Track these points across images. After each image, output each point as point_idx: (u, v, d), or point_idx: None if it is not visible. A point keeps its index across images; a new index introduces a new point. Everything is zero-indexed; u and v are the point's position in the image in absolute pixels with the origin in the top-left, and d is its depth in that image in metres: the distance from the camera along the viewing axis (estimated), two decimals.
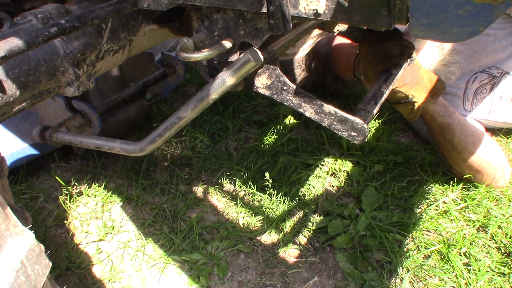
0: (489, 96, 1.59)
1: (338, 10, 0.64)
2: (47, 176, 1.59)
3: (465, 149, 1.39)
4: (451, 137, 1.40)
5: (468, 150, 1.39)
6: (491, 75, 1.57)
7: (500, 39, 1.54)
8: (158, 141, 0.93)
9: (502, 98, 1.57)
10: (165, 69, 1.69)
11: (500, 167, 1.40)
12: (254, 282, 1.21)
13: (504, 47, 1.54)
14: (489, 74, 1.57)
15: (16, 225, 0.60)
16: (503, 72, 1.55)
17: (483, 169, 1.40)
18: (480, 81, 1.59)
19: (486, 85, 1.58)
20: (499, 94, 1.57)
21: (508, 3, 0.50)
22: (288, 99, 0.84)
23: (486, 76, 1.58)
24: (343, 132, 0.82)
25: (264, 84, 0.85)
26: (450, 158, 1.45)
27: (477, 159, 1.39)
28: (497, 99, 1.58)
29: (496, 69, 1.56)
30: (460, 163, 1.42)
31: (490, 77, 1.57)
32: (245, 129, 1.80)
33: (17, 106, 0.80)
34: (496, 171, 1.40)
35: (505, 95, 1.57)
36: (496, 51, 1.55)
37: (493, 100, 1.58)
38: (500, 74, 1.56)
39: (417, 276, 1.20)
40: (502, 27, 1.52)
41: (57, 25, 0.68)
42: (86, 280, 1.23)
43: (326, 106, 0.81)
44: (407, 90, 1.22)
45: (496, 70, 1.56)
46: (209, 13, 0.81)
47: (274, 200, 1.44)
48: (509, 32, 1.53)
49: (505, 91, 1.56)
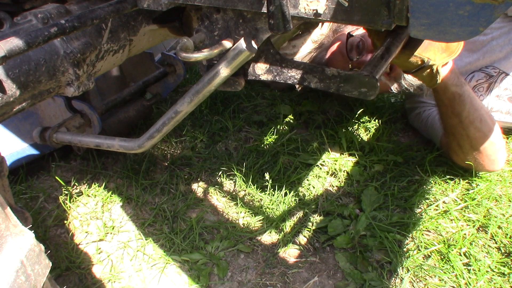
0: (486, 95, 1.58)
1: (338, 10, 0.64)
2: (47, 176, 1.59)
3: (472, 124, 1.34)
4: (461, 110, 1.34)
5: (475, 126, 1.34)
6: (488, 75, 1.56)
7: (497, 38, 1.53)
8: (156, 137, 0.93)
9: (499, 97, 1.57)
10: (165, 69, 1.69)
11: (500, 148, 1.39)
12: (254, 282, 1.21)
13: (501, 47, 1.54)
14: (486, 73, 1.57)
15: (16, 225, 0.60)
16: (500, 71, 1.55)
17: (484, 149, 1.37)
18: (477, 80, 1.58)
19: (483, 84, 1.58)
20: (496, 93, 1.57)
21: (508, 3, 0.50)
22: (290, 76, 0.83)
23: (483, 75, 1.57)
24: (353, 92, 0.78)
25: (264, 69, 0.85)
26: (453, 136, 1.40)
27: (482, 136, 1.35)
28: (494, 98, 1.58)
29: (493, 68, 1.56)
30: (463, 141, 1.38)
31: (487, 76, 1.57)
32: (245, 129, 1.80)
33: (17, 106, 0.80)
34: (496, 152, 1.38)
35: (502, 95, 1.57)
36: (493, 50, 1.54)
37: (490, 99, 1.58)
38: (497, 74, 1.55)
39: (417, 276, 1.20)
40: (499, 26, 1.52)
41: (57, 25, 0.68)
42: (86, 280, 1.23)
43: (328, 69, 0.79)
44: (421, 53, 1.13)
45: (493, 69, 1.56)
46: (209, 13, 0.81)
47: (274, 200, 1.44)
48: (506, 32, 1.52)
49: (502, 90, 1.56)
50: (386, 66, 0.88)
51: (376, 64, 0.83)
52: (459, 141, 1.41)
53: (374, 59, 0.86)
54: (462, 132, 1.37)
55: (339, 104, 1.90)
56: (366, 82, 0.78)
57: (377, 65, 0.83)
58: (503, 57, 1.55)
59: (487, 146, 1.37)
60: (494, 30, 1.53)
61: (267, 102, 1.95)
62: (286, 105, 1.90)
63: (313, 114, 1.85)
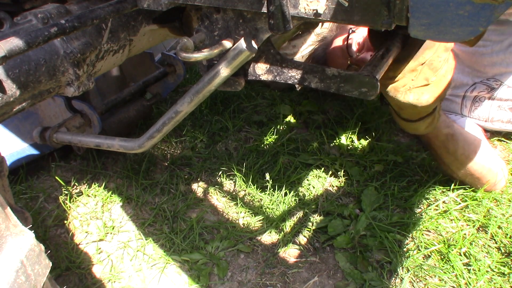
0: (487, 105, 1.58)
1: (338, 10, 0.64)
2: (47, 176, 1.59)
3: (468, 159, 1.36)
4: (455, 148, 1.35)
5: (470, 159, 1.36)
6: (490, 87, 1.56)
7: (497, 52, 1.51)
8: (156, 137, 0.92)
9: (500, 107, 1.58)
10: (165, 69, 1.69)
11: (498, 170, 1.40)
12: (254, 282, 1.21)
13: (502, 60, 1.52)
14: (487, 85, 1.57)
15: (16, 225, 0.60)
16: (501, 83, 1.55)
17: (483, 176, 1.39)
18: (479, 92, 1.58)
19: (485, 95, 1.58)
20: (497, 104, 1.57)
21: (508, 3, 0.50)
22: (290, 76, 0.83)
23: (484, 88, 1.57)
24: (354, 92, 0.78)
25: (264, 69, 0.85)
26: (450, 169, 1.42)
27: (479, 166, 1.37)
28: (495, 108, 1.58)
29: (495, 81, 1.55)
30: (461, 172, 1.40)
31: (488, 88, 1.56)
32: (245, 129, 1.80)
33: (17, 106, 0.80)
34: (496, 175, 1.40)
35: (503, 105, 1.57)
36: (494, 64, 1.53)
37: (491, 108, 1.58)
38: (499, 86, 1.55)
39: (417, 276, 1.20)
40: (499, 39, 1.49)
41: (57, 25, 0.68)
42: (86, 280, 1.23)
43: (328, 69, 0.79)
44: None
45: (495, 82, 1.55)
46: (209, 13, 0.81)
47: (274, 200, 1.44)
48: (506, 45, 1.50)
49: (504, 101, 1.56)
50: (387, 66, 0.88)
51: (376, 64, 0.83)
52: (456, 173, 1.42)
53: (374, 59, 0.86)
54: (459, 166, 1.38)
55: (339, 104, 1.90)
56: (366, 82, 0.78)
57: (377, 65, 0.83)
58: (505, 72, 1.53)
59: (486, 173, 1.39)
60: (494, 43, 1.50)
61: (267, 102, 1.95)
62: (286, 105, 1.90)
63: (313, 114, 1.85)
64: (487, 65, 1.54)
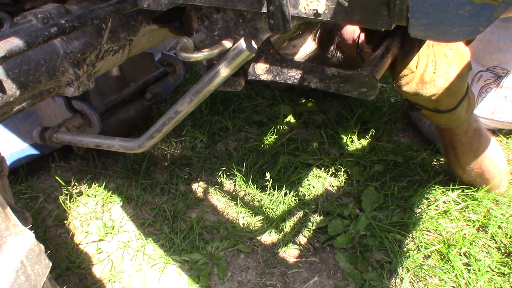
0: (494, 96, 1.57)
1: (338, 10, 0.64)
2: (47, 176, 1.59)
3: (486, 158, 1.32)
4: (478, 146, 1.30)
5: (487, 158, 1.32)
6: (496, 75, 1.55)
7: (504, 37, 1.51)
8: (156, 137, 0.93)
9: (507, 98, 1.56)
10: (165, 69, 1.69)
11: (506, 173, 1.39)
12: (254, 282, 1.21)
13: (509, 47, 1.52)
14: (494, 73, 1.55)
15: (16, 225, 0.60)
16: (508, 72, 1.54)
17: (493, 177, 1.36)
18: (485, 80, 1.57)
19: (491, 84, 1.56)
20: (503, 94, 1.56)
21: (508, 3, 0.50)
22: (290, 76, 0.83)
23: (491, 76, 1.56)
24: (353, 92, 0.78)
25: (264, 69, 0.85)
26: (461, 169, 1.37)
27: (493, 166, 1.34)
28: (502, 99, 1.57)
29: (501, 69, 1.54)
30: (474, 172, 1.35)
31: (495, 76, 1.55)
32: (245, 129, 1.80)
33: (17, 106, 0.80)
34: (503, 177, 1.39)
35: (509, 95, 1.55)
36: (500, 50, 1.52)
37: (498, 100, 1.57)
38: (505, 74, 1.54)
39: (417, 276, 1.20)
40: (506, 26, 1.49)
41: (57, 25, 0.68)
42: (86, 280, 1.23)
43: (328, 69, 0.79)
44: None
45: (501, 70, 1.54)
46: (209, 13, 0.81)
47: (274, 200, 1.44)
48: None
49: (510, 91, 1.55)
50: (386, 65, 0.88)
51: (376, 64, 0.84)
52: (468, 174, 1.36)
53: (374, 59, 0.86)
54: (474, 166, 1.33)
55: (339, 104, 1.90)
56: (366, 82, 0.78)
57: (377, 65, 0.83)
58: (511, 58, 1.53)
59: (497, 174, 1.36)
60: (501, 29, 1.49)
61: (267, 102, 1.95)
62: (286, 105, 1.90)
63: (313, 114, 1.85)
64: (493, 51, 1.53)
